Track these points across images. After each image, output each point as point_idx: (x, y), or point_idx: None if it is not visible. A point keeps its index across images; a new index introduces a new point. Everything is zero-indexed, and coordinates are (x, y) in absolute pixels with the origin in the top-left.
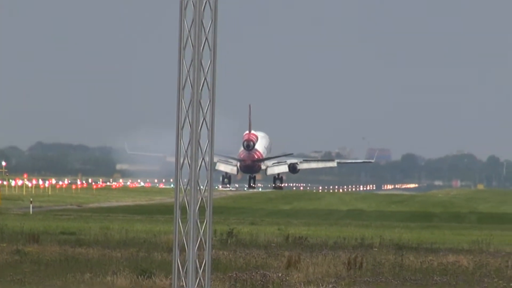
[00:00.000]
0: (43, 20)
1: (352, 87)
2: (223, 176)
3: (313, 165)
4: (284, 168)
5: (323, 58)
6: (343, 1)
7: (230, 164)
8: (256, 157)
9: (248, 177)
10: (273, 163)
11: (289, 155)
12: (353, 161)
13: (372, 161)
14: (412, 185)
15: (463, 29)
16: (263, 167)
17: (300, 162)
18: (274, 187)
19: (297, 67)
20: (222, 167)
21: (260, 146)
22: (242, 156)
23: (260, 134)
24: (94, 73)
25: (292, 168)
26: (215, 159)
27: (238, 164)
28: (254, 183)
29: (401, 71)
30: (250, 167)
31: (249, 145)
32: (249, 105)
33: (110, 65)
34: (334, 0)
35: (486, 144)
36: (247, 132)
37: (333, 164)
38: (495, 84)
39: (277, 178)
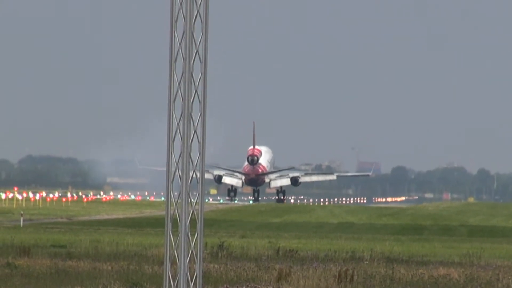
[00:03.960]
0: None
1: (341, 100)
2: (229, 189)
3: (314, 178)
4: (286, 181)
5: (312, 71)
6: (337, 17)
7: (235, 178)
8: (260, 171)
9: (252, 190)
10: (276, 176)
11: (291, 169)
12: (352, 174)
13: (370, 174)
14: (402, 198)
15: (449, 43)
16: (266, 180)
17: (302, 176)
18: (277, 200)
19: (285, 81)
20: (228, 180)
21: (264, 160)
22: (246, 170)
23: (263, 149)
24: (84, 86)
25: (294, 181)
26: (221, 173)
27: (243, 177)
28: (258, 196)
29: (391, 84)
30: (255, 180)
31: (254, 160)
32: (253, 122)
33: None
34: (329, 16)
35: (476, 157)
36: (251, 147)
37: (333, 177)
38: (485, 97)
39: (280, 191)
